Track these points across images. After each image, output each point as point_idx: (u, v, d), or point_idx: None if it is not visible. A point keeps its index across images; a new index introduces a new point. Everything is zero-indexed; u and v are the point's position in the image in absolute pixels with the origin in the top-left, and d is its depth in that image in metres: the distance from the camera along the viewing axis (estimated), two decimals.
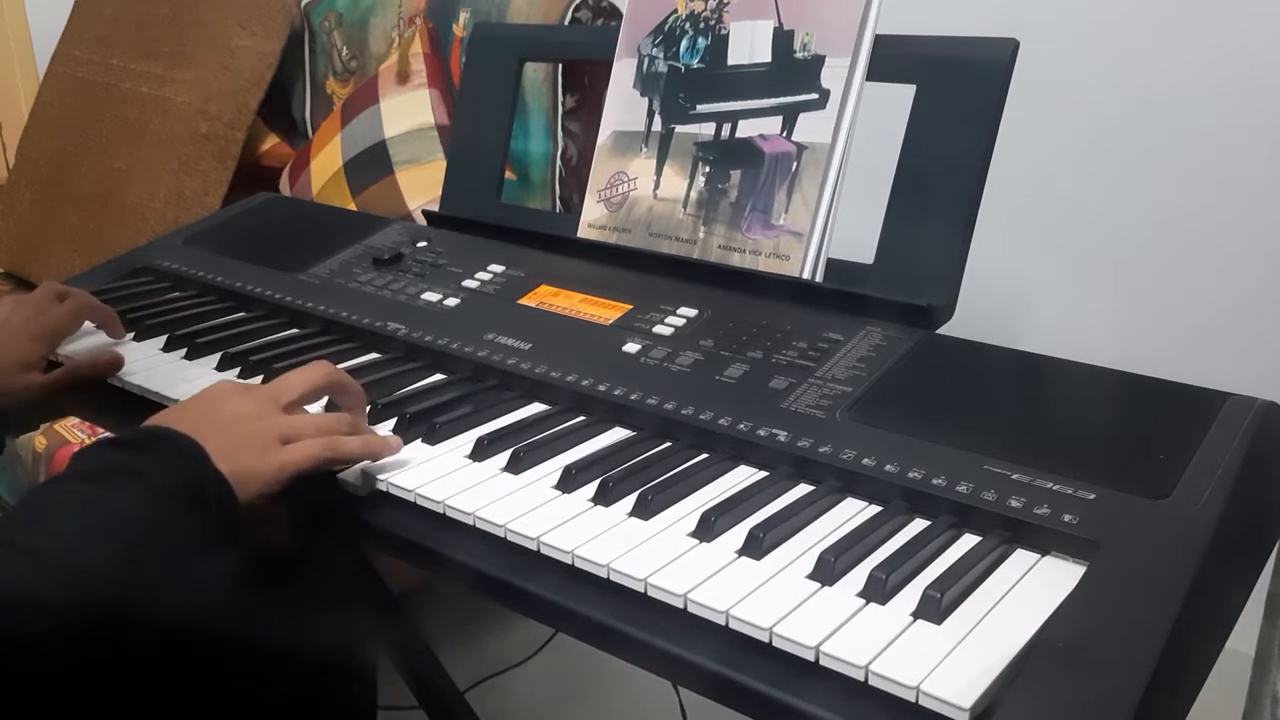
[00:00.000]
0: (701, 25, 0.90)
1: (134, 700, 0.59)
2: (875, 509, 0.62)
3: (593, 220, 0.95)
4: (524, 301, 0.87)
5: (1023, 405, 0.68)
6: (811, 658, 0.50)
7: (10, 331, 0.82)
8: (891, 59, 0.82)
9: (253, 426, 0.65)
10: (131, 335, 0.91)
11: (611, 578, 0.57)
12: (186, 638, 0.59)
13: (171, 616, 0.57)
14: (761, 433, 0.67)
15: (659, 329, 0.80)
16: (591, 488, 0.64)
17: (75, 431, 1.38)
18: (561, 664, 1.36)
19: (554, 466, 0.67)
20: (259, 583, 0.72)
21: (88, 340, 0.90)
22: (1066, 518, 0.57)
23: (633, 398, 0.73)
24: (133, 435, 0.64)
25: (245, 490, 0.63)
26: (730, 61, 0.88)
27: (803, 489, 0.64)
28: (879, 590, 0.54)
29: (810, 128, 0.84)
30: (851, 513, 0.62)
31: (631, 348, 0.78)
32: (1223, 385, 0.65)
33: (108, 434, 1.35)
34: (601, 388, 0.75)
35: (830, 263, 0.83)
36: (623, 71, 0.94)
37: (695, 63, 0.90)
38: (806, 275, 0.82)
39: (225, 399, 0.67)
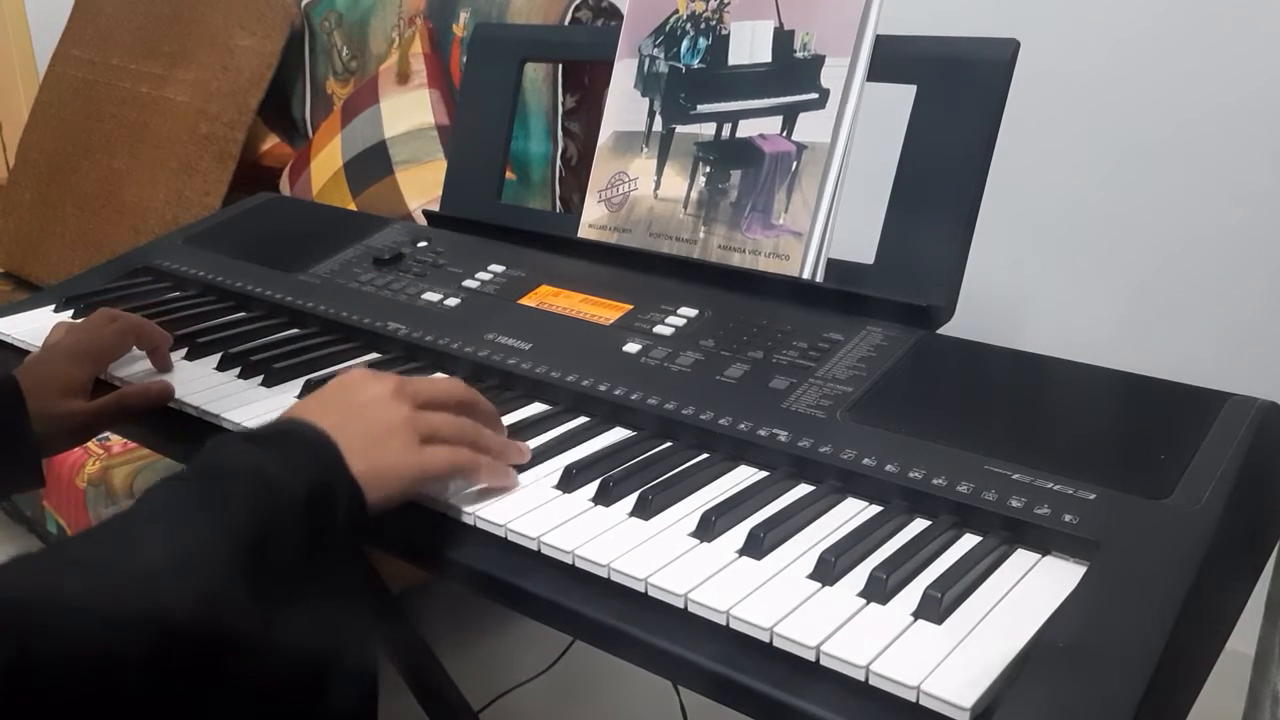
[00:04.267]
0: (702, 25, 0.90)
1: (129, 700, 0.58)
2: (875, 509, 0.62)
3: (593, 220, 0.95)
4: (524, 301, 0.88)
5: (1023, 405, 0.68)
6: (812, 657, 0.50)
7: (58, 353, 0.80)
8: (892, 59, 0.82)
9: (392, 418, 0.62)
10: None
11: (612, 578, 0.57)
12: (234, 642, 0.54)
13: (252, 639, 0.54)
14: (762, 433, 0.67)
15: (659, 329, 0.80)
16: (592, 488, 0.64)
17: None
18: (560, 665, 1.36)
19: (554, 466, 0.67)
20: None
21: (141, 364, 0.86)
22: (1067, 518, 0.57)
23: (633, 398, 0.73)
24: (265, 429, 0.60)
25: (378, 491, 0.60)
26: (730, 61, 0.88)
27: (803, 489, 0.64)
28: (879, 590, 0.54)
29: (810, 127, 0.84)
30: (852, 513, 0.62)
31: (632, 348, 0.78)
32: (1223, 385, 0.65)
33: (105, 434, 1.35)
34: (602, 388, 0.75)
35: (831, 263, 0.83)
36: (623, 72, 0.94)
37: (696, 63, 0.90)
38: (806, 275, 0.82)
39: (360, 385, 0.64)
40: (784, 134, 0.85)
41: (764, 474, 0.66)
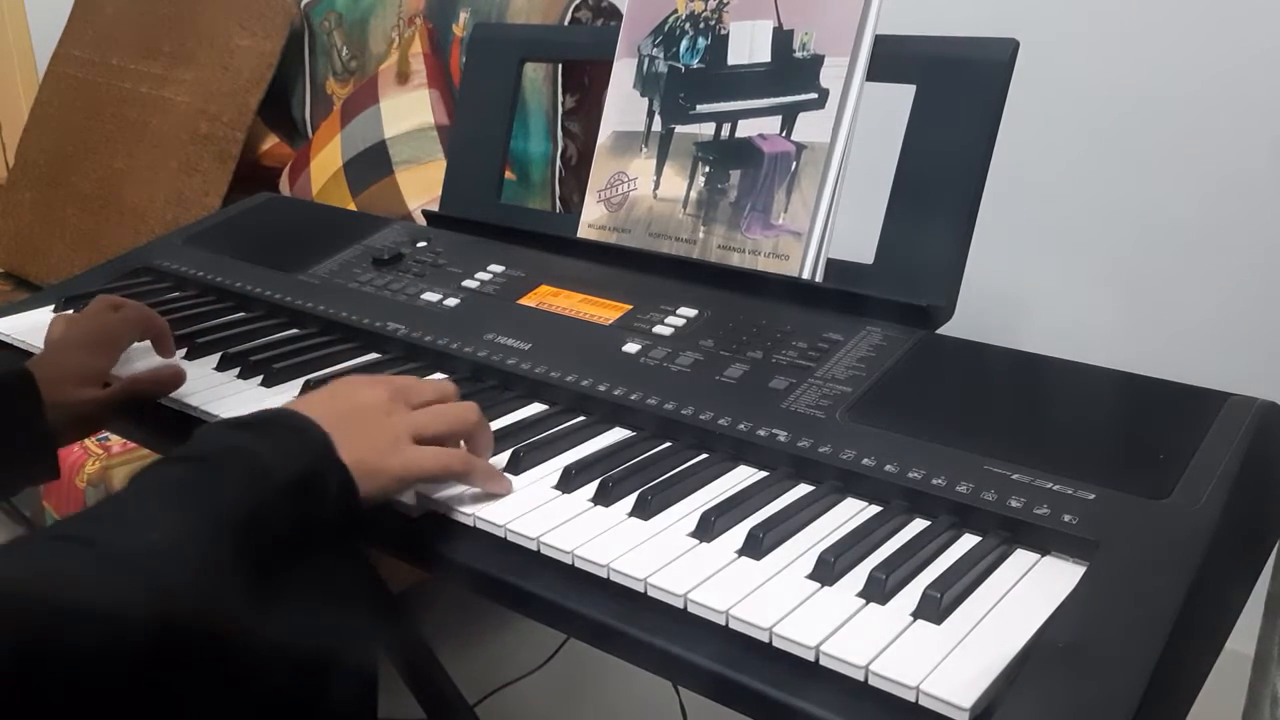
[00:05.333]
0: (701, 25, 0.90)
1: (130, 699, 0.58)
2: (875, 509, 0.62)
3: (593, 220, 0.95)
4: (524, 301, 0.88)
5: (1023, 405, 0.68)
6: (811, 658, 0.50)
7: (71, 344, 0.80)
8: (891, 59, 0.82)
9: (383, 420, 0.63)
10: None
11: (611, 578, 0.57)
12: (240, 634, 0.54)
13: (251, 624, 0.54)
14: (761, 433, 0.67)
15: (659, 329, 0.80)
16: (591, 488, 0.64)
17: None
18: (560, 665, 1.36)
19: (554, 466, 0.67)
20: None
21: (143, 361, 0.86)
22: (1066, 518, 0.57)
23: (633, 398, 0.73)
24: (254, 416, 0.61)
25: (368, 484, 0.60)
26: (730, 61, 0.88)
27: (803, 489, 0.64)
28: (879, 590, 0.54)
29: (809, 127, 0.84)
30: (851, 513, 0.62)
31: (631, 348, 0.78)
32: (1223, 385, 0.65)
33: (105, 434, 1.35)
34: (601, 388, 0.75)
35: (830, 263, 0.83)
36: (623, 72, 0.94)
37: (695, 63, 0.90)
38: (806, 275, 0.82)
39: (355, 387, 0.65)
40: (783, 134, 0.85)
41: (763, 474, 0.66)
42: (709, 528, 0.60)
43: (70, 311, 0.97)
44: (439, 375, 0.82)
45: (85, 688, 0.48)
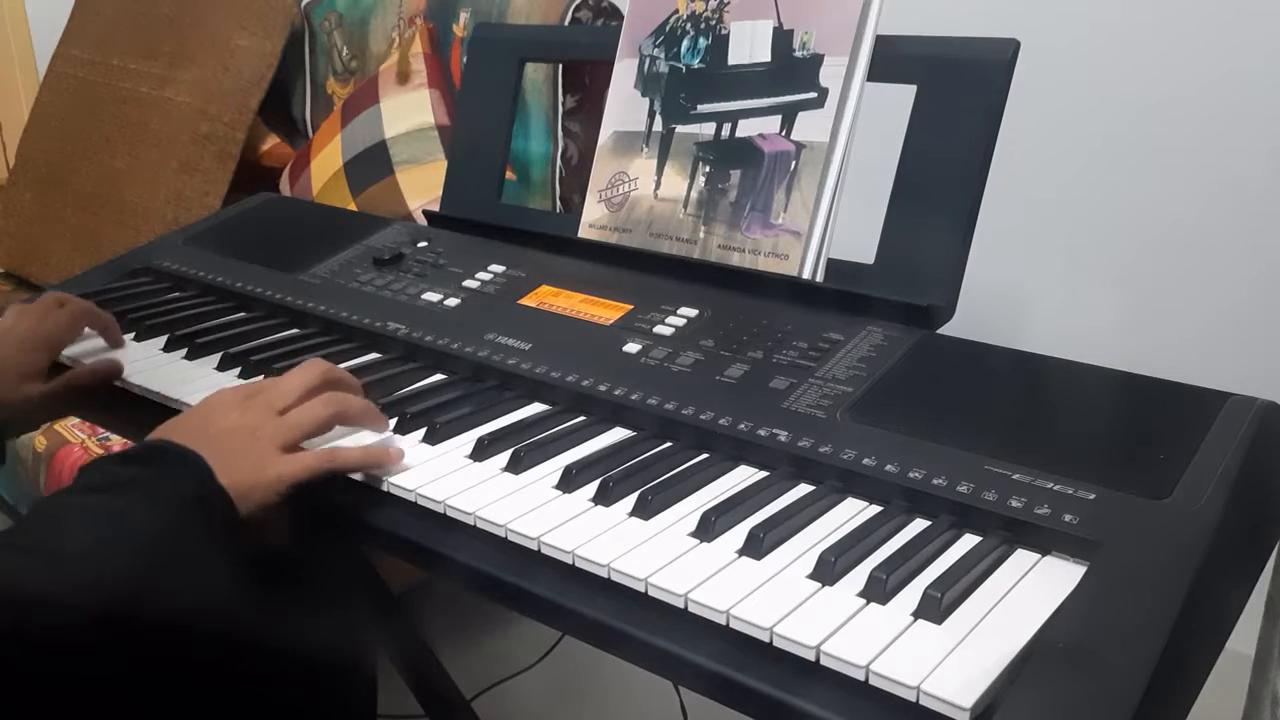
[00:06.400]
0: (702, 25, 0.90)
1: (133, 700, 0.59)
2: (875, 509, 0.62)
3: (593, 220, 0.95)
4: (524, 301, 0.88)
5: (1023, 405, 0.68)
6: (812, 657, 0.50)
7: (11, 341, 0.84)
8: (892, 59, 0.82)
9: (251, 440, 0.67)
10: (132, 335, 0.91)
11: (612, 577, 0.57)
12: (190, 640, 0.60)
13: (178, 620, 0.59)
14: (762, 433, 0.67)
15: (659, 329, 0.80)
16: (592, 488, 0.64)
17: (75, 431, 1.38)
18: (561, 664, 1.36)
19: (554, 466, 0.67)
20: (259, 582, 0.72)
21: (91, 344, 0.90)
22: (1067, 518, 0.57)
23: (633, 398, 0.73)
24: (138, 450, 0.66)
25: (245, 502, 0.65)
26: (730, 61, 0.88)
27: (803, 489, 0.64)
28: (879, 590, 0.54)
29: (809, 127, 0.84)
30: (852, 513, 0.62)
31: (632, 348, 0.78)
32: (1223, 385, 0.65)
33: (105, 434, 1.36)
34: (602, 388, 0.75)
35: (831, 263, 0.83)
36: (624, 72, 0.94)
37: (696, 63, 0.90)
38: (806, 275, 0.82)
39: (224, 413, 0.69)
40: (783, 133, 0.85)
41: (764, 474, 0.67)
42: (709, 528, 0.60)
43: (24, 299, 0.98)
44: (439, 375, 0.82)
45: (36, 673, 0.55)
